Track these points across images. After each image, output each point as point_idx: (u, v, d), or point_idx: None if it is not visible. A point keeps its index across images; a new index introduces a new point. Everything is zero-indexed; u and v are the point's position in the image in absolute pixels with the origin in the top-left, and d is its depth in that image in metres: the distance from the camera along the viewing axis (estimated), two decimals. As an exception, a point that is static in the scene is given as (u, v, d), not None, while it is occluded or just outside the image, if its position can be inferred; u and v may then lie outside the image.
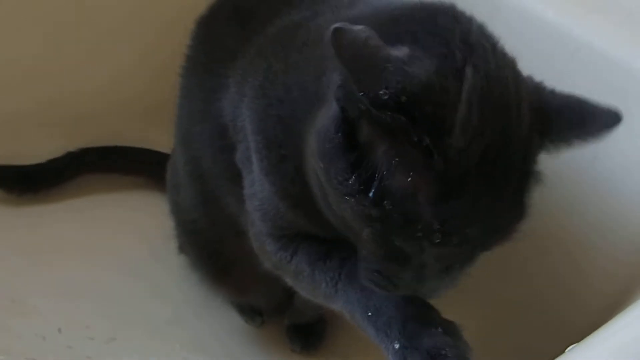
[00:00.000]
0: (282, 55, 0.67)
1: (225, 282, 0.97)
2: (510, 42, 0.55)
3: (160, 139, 1.12)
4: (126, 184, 1.25)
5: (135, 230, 1.15)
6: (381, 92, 0.46)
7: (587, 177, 0.74)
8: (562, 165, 0.75)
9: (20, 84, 1.17)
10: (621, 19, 0.76)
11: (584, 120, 0.55)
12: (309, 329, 1.05)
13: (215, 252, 0.94)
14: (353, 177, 0.51)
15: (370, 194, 0.50)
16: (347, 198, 0.52)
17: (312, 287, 0.69)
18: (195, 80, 0.84)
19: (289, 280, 0.74)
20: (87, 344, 0.98)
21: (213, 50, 0.81)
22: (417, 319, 0.58)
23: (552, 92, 0.57)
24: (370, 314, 0.61)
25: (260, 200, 0.70)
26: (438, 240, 0.50)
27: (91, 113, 1.23)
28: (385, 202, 0.50)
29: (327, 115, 0.54)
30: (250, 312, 1.05)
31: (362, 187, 0.51)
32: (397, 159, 0.49)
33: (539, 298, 0.82)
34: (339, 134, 0.52)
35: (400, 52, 0.49)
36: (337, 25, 0.46)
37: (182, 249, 1.05)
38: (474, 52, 0.51)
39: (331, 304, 0.68)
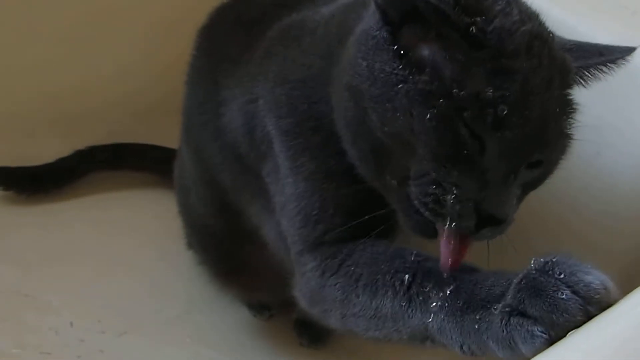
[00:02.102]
0: (294, 44, 0.70)
1: (235, 282, 0.99)
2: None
3: (165, 134, 1.13)
4: (135, 180, 1.27)
5: (144, 227, 1.16)
6: None
7: (590, 171, 0.75)
8: (568, 160, 0.77)
9: (24, 84, 1.19)
10: (625, 17, 0.77)
11: (601, 51, 0.61)
12: (317, 323, 1.05)
13: (227, 255, 0.95)
14: (402, 63, 0.53)
15: (425, 75, 0.52)
16: (400, 85, 0.52)
17: (371, 302, 0.58)
18: (201, 93, 0.84)
19: (335, 311, 0.62)
20: (99, 337, 1.00)
21: (217, 61, 0.81)
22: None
23: (568, 39, 0.62)
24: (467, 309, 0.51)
25: (297, 200, 0.66)
26: (503, 114, 0.50)
27: (96, 110, 1.25)
28: (444, 77, 0.51)
29: (365, 24, 0.58)
30: (259, 307, 1.06)
31: (414, 69, 0.53)
32: (446, 46, 0.52)
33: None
34: (382, 32, 0.55)
35: None
36: None
37: (190, 245, 1.07)
38: None
39: (400, 322, 0.56)
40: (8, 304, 1.01)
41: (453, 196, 0.52)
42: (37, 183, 1.20)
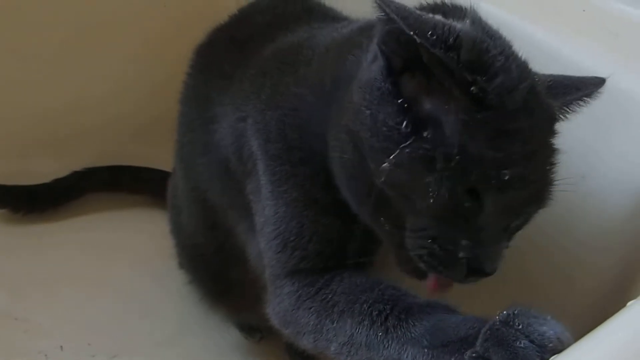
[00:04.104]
0: (290, 70, 0.70)
1: (225, 301, 0.99)
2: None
3: (159, 156, 1.14)
4: (130, 202, 1.28)
5: (136, 248, 1.17)
6: (430, 33, 0.51)
7: (576, 195, 0.75)
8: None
9: (17, 104, 1.20)
10: (607, 40, 0.78)
11: (577, 86, 0.62)
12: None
13: (217, 275, 0.95)
14: (406, 120, 0.53)
15: (428, 135, 0.52)
16: (403, 145, 0.53)
17: (346, 329, 0.59)
18: (194, 110, 0.85)
19: (308, 334, 0.63)
20: (90, 361, 0.99)
21: (210, 78, 0.82)
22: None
23: (543, 74, 0.62)
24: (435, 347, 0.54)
25: (276, 223, 0.67)
26: (506, 178, 0.51)
27: (89, 130, 1.26)
28: (445, 144, 0.52)
29: (368, 72, 0.57)
30: (249, 328, 1.06)
31: (416, 130, 0.53)
32: (448, 104, 0.52)
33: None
34: (387, 83, 0.55)
35: (436, 16, 0.54)
36: None
37: (181, 264, 1.06)
38: (492, 27, 0.57)
39: (375, 351, 0.57)
40: (-1, 328, 1.01)
41: (448, 252, 0.54)
42: (33, 202, 1.21)
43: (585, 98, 0.62)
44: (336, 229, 0.64)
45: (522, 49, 0.75)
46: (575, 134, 0.75)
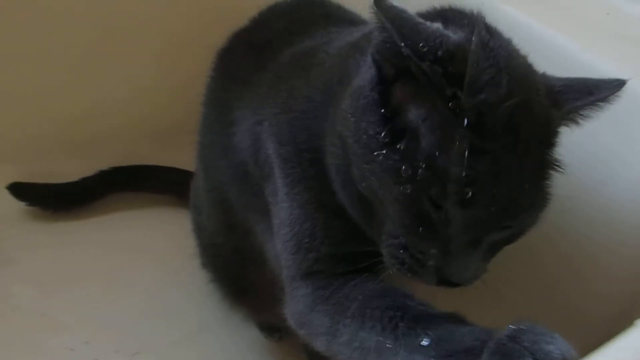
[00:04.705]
0: (303, 74, 0.71)
1: (244, 302, 1.00)
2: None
3: (179, 157, 1.16)
4: (153, 201, 1.30)
5: (159, 246, 1.18)
6: (421, 45, 0.51)
7: (596, 201, 0.75)
8: (571, 189, 0.76)
9: (42, 107, 1.23)
10: (632, 44, 0.77)
11: (590, 90, 0.60)
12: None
13: (236, 275, 0.96)
14: (385, 130, 0.54)
15: (400, 146, 0.53)
16: (377, 153, 0.54)
17: (358, 333, 0.59)
18: (215, 112, 0.86)
19: (321, 336, 0.64)
20: (113, 357, 1.02)
21: (230, 82, 0.83)
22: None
23: (555, 77, 0.61)
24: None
25: (291, 225, 0.68)
26: (468, 197, 0.51)
27: (112, 132, 1.28)
28: (415, 156, 0.52)
29: (361, 79, 0.58)
30: (269, 328, 1.07)
31: (392, 141, 0.53)
32: (429, 115, 0.52)
33: (546, 321, 0.82)
34: (374, 92, 0.56)
35: (434, 24, 0.55)
36: None
37: (204, 265, 1.08)
38: (495, 35, 0.56)
39: (383, 358, 0.57)
40: (25, 323, 1.04)
41: (417, 260, 0.56)
42: (61, 200, 1.24)
43: (599, 103, 0.59)
44: (347, 231, 0.64)
45: (541, 53, 0.74)
46: (597, 138, 0.74)
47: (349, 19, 0.83)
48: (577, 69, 0.78)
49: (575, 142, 0.63)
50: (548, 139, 0.58)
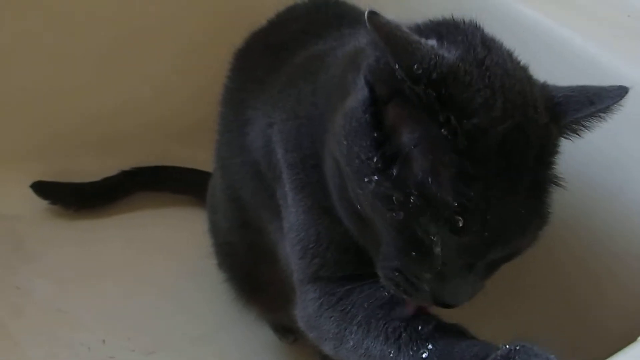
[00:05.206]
0: (311, 79, 0.70)
1: (258, 301, 1.00)
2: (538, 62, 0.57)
3: (201, 157, 1.15)
4: (174, 201, 1.31)
5: (177, 246, 1.19)
6: (415, 67, 0.49)
7: (614, 206, 0.73)
8: (589, 195, 0.75)
9: (65, 107, 1.24)
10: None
11: (592, 100, 0.57)
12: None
13: (250, 274, 0.96)
14: (377, 155, 0.52)
15: (393, 172, 0.51)
16: (369, 178, 0.52)
17: (363, 341, 0.61)
18: (231, 111, 0.86)
19: (330, 340, 0.65)
20: (129, 355, 1.03)
21: (246, 82, 0.84)
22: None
23: (557, 86, 0.59)
24: None
25: (297, 230, 0.68)
26: (460, 225, 0.50)
27: (134, 132, 1.29)
28: (407, 183, 0.51)
29: (354, 99, 0.56)
30: (282, 329, 1.07)
31: (384, 166, 0.52)
32: (421, 139, 0.51)
33: (563, 325, 0.81)
34: (366, 115, 0.54)
35: (428, 41, 0.53)
36: (370, 9, 0.50)
37: (219, 264, 1.08)
38: (492, 51, 0.55)
39: None
40: (43, 319, 1.06)
41: (411, 284, 0.55)
42: (83, 199, 1.26)
43: (600, 113, 0.57)
44: (351, 237, 0.63)
45: (559, 55, 0.73)
46: (617, 142, 0.72)
47: (363, 20, 0.82)
48: (596, 70, 0.76)
49: (594, 146, 0.61)
50: (545, 159, 0.56)
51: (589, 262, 0.78)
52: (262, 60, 0.83)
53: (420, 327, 0.57)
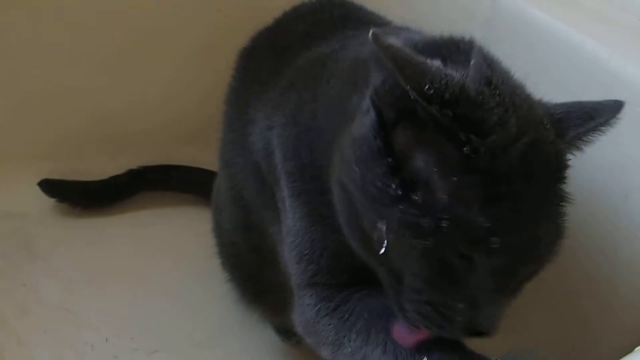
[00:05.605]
0: (311, 85, 0.69)
1: (261, 303, 1.00)
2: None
3: (208, 157, 1.15)
4: (181, 200, 1.32)
5: (183, 246, 1.19)
6: (427, 87, 0.47)
7: (620, 214, 0.71)
8: (594, 203, 0.73)
9: (75, 108, 1.26)
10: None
11: (590, 115, 0.57)
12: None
13: (253, 275, 0.96)
14: (395, 182, 0.51)
15: (416, 198, 0.50)
16: (392, 207, 0.50)
17: (361, 349, 0.61)
18: (234, 111, 0.86)
19: (328, 345, 0.65)
20: (132, 355, 1.03)
21: (250, 82, 0.83)
22: None
23: (554, 103, 0.59)
24: None
25: (294, 236, 0.68)
26: (495, 246, 0.49)
27: (141, 133, 1.31)
28: (434, 208, 0.49)
29: (362, 123, 0.55)
30: (285, 332, 1.07)
31: (404, 193, 0.50)
32: (439, 162, 0.50)
33: (563, 335, 0.79)
34: (377, 140, 0.52)
35: (434, 61, 0.51)
36: (373, 30, 0.49)
37: (223, 264, 1.08)
38: (496, 70, 0.54)
39: None
40: (50, 317, 1.06)
41: (444, 316, 0.53)
42: (91, 198, 1.27)
43: (600, 127, 0.57)
44: (345, 245, 0.62)
45: (569, 59, 0.72)
46: (620, 148, 0.71)
47: (368, 21, 0.82)
48: (606, 75, 0.75)
49: (598, 153, 0.60)
50: (560, 174, 0.55)
51: (591, 272, 0.76)
52: (266, 61, 0.82)
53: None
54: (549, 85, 0.58)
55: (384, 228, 0.52)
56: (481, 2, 0.93)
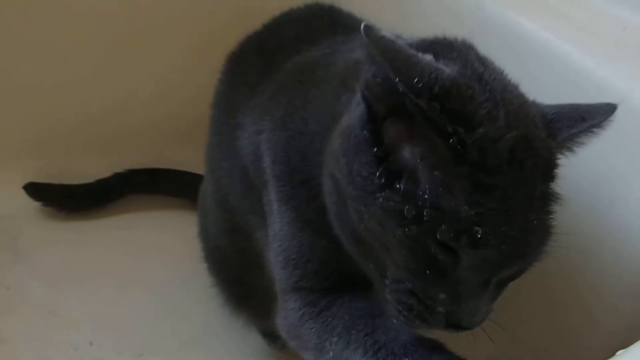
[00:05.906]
0: (302, 90, 0.70)
1: (246, 307, 1.00)
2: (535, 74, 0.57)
3: (198, 158, 1.16)
4: (167, 204, 1.31)
5: (170, 250, 1.19)
6: (416, 80, 0.48)
7: (604, 222, 0.72)
8: (579, 210, 0.74)
9: (63, 104, 1.25)
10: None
11: (583, 116, 0.58)
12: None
13: (238, 279, 0.96)
14: (379, 171, 0.51)
15: (400, 187, 0.50)
16: (376, 195, 0.51)
17: (343, 352, 0.60)
18: (222, 115, 0.86)
19: (310, 350, 0.65)
20: (116, 357, 1.02)
21: (237, 86, 0.83)
22: None
23: (547, 104, 0.60)
24: None
25: (281, 240, 0.68)
26: (478, 236, 0.49)
27: (132, 131, 1.30)
28: (417, 196, 0.50)
29: (351, 116, 0.56)
30: (271, 335, 1.06)
31: (389, 182, 0.51)
32: (426, 153, 0.50)
33: (545, 340, 0.80)
34: (365, 131, 0.53)
35: (425, 56, 0.52)
36: (366, 22, 0.49)
37: (209, 269, 1.08)
38: (488, 67, 0.55)
39: None
40: (33, 319, 1.06)
41: (426, 307, 0.54)
42: (77, 201, 1.27)
43: (592, 129, 0.58)
44: (332, 251, 0.63)
45: (555, 69, 0.73)
46: (605, 159, 0.72)
47: (357, 27, 0.82)
48: (592, 85, 0.76)
49: (583, 162, 0.61)
50: (550, 172, 0.56)
51: (576, 279, 0.77)
52: (255, 65, 0.82)
53: (399, 341, 0.57)
54: (536, 95, 0.59)
55: (370, 218, 0.53)
56: (470, 13, 0.94)
